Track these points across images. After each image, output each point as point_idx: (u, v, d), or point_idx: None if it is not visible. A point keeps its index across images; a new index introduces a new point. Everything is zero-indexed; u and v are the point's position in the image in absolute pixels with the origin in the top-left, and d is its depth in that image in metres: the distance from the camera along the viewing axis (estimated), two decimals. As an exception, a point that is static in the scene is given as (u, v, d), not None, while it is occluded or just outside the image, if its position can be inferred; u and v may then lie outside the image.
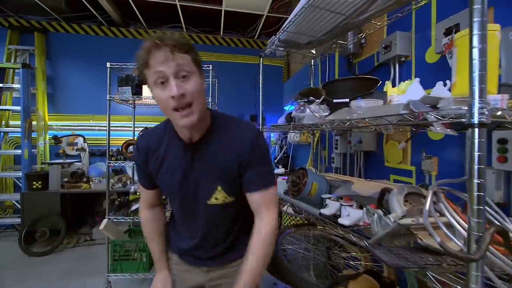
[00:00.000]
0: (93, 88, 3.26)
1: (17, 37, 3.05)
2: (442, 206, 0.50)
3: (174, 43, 0.60)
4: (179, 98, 0.60)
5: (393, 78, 1.40)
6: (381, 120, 0.62)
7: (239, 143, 0.70)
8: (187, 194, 0.74)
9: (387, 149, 1.49)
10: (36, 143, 2.94)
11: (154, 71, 0.60)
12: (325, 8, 0.96)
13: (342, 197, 0.93)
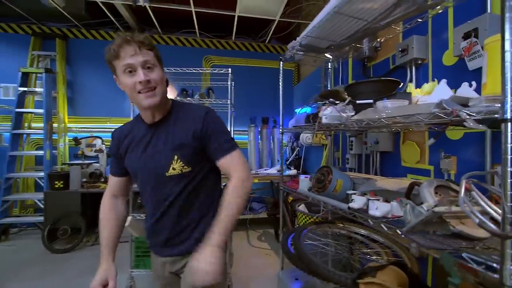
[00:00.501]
0: (109, 91, 3.37)
1: (40, 43, 3.19)
2: (475, 194, 0.54)
3: (142, 40, 0.73)
4: (145, 84, 0.73)
5: (410, 80, 1.46)
6: (412, 118, 0.67)
7: (192, 118, 0.81)
8: (147, 168, 0.82)
9: (404, 149, 1.53)
10: (56, 145, 3.06)
11: (124, 62, 0.73)
12: (349, 14, 1.02)
13: (366, 192, 0.98)
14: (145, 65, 0.74)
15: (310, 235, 1.35)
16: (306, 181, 1.30)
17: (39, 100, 3.18)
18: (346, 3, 0.93)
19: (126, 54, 0.72)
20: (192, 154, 0.81)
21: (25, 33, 3.20)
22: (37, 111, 2.93)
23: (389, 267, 0.89)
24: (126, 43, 0.72)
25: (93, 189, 2.75)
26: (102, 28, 3.37)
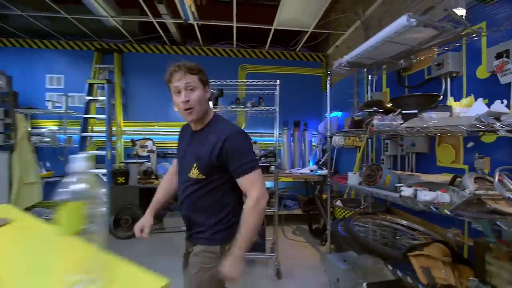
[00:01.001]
0: (157, 99, 3.79)
1: (100, 57, 3.67)
2: (506, 182, 0.77)
3: (186, 68, 0.92)
4: (185, 103, 0.92)
5: (445, 91, 1.66)
6: (456, 127, 0.91)
7: (218, 135, 0.94)
8: (182, 166, 1.03)
9: (439, 151, 1.73)
10: (115, 146, 3.51)
11: (173, 85, 0.94)
12: (397, 42, 1.26)
13: (412, 185, 1.22)
14: (188, 87, 0.92)
15: (356, 224, 1.60)
16: (355, 177, 1.55)
17: (99, 107, 3.67)
18: (398, 34, 1.18)
19: (175, 79, 0.93)
20: (207, 166, 0.95)
21: (87, 49, 3.70)
22: (100, 117, 3.39)
23: (433, 243, 1.13)
24: (175, 71, 0.93)
25: (149, 184, 3.15)
26: (150, 42, 3.81)
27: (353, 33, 3.19)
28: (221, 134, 0.94)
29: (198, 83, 0.95)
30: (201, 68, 0.98)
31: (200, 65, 0.99)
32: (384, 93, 2.37)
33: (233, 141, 0.94)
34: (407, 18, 1.08)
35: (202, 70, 0.98)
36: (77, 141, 3.52)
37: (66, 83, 3.65)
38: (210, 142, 0.95)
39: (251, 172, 0.92)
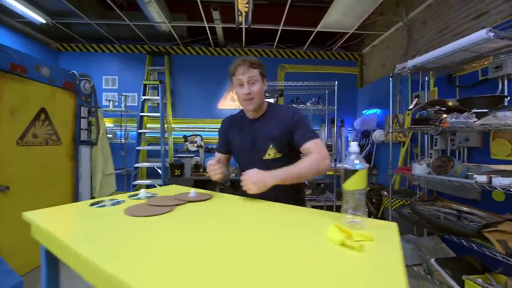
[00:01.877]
0: (201, 98, 4.07)
1: (151, 60, 3.97)
2: None
3: (249, 63, 1.03)
4: (247, 95, 1.03)
5: (501, 91, 1.84)
6: None
7: (284, 115, 1.06)
8: (250, 152, 1.10)
9: (494, 145, 1.92)
10: (167, 141, 3.82)
11: (237, 78, 1.04)
12: (472, 51, 1.46)
13: (483, 173, 1.42)
14: (250, 80, 1.02)
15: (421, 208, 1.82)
16: (421, 167, 1.76)
17: (151, 106, 3.98)
18: (474, 45, 1.38)
19: (239, 72, 1.03)
20: (284, 143, 1.06)
21: (139, 52, 4.00)
22: (154, 115, 3.69)
23: (506, 221, 1.34)
24: (239, 65, 1.03)
25: (201, 176, 3.45)
26: (195, 44, 4.07)
27: (393, 33, 3.35)
28: (286, 112, 1.07)
29: (258, 76, 1.04)
30: (262, 63, 1.07)
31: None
32: (432, 92, 2.55)
33: (298, 114, 1.07)
34: (486, 32, 1.28)
35: (262, 65, 1.07)
36: (132, 137, 3.86)
37: (120, 84, 3.97)
38: (278, 123, 1.06)
39: (315, 138, 1.02)
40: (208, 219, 0.70)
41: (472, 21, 2.23)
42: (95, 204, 0.83)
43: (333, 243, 0.52)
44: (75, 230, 0.61)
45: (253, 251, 0.49)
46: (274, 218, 0.69)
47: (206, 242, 0.54)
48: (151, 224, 0.65)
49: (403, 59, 3.09)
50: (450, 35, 2.47)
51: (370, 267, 0.43)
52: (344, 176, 0.63)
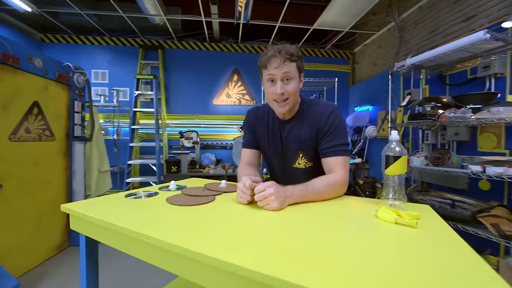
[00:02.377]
0: (197, 93, 4.01)
1: (144, 53, 3.85)
2: None
3: (287, 55, 0.82)
4: (280, 95, 0.84)
5: (488, 89, 1.99)
6: None
7: (318, 116, 0.88)
8: (279, 159, 0.98)
9: (481, 139, 2.08)
10: (162, 137, 3.74)
11: (268, 72, 0.84)
12: (468, 50, 1.58)
13: (476, 164, 1.55)
14: (284, 77, 0.83)
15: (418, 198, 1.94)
16: (419, 160, 1.88)
17: (143, 101, 3.87)
18: (471, 45, 1.49)
19: (272, 66, 0.83)
20: (314, 151, 0.91)
21: (131, 45, 3.86)
22: (148, 110, 3.60)
23: (497, 206, 1.48)
24: (273, 56, 0.83)
25: (198, 173, 3.42)
26: (190, 38, 4.00)
27: (385, 33, 3.49)
28: (323, 113, 0.88)
29: (296, 72, 0.85)
30: (301, 53, 0.87)
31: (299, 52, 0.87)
32: (424, 90, 2.70)
33: (336, 118, 0.88)
34: (484, 33, 1.39)
35: (301, 56, 0.87)
36: (125, 134, 3.74)
37: (110, 78, 3.82)
38: (311, 126, 0.90)
39: (346, 155, 0.87)
40: (257, 208, 0.71)
41: (461, 23, 2.38)
42: (130, 196, 0.82)
43: (387, 222, 0.56)
44: (136, 219, 0.61)
45: (324, 237, 0.51)
46: (311, 208, 0.71)
47: (283, 228, 0.56)
48: (202, 212, 0.66)
49: (395, 58, 3.24)
50: (440, 36, 2.63)
51: (433, 239, 0.48)
52: (386, 162, 0.68)
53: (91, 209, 0.67)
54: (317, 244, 0.46)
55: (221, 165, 3.73)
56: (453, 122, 1.60)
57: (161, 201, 0.76)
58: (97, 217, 0.60)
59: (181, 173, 3.37)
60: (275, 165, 1.01)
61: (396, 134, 0.68)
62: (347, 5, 2.95)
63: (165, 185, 1.00)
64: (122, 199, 0.79)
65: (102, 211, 0.66)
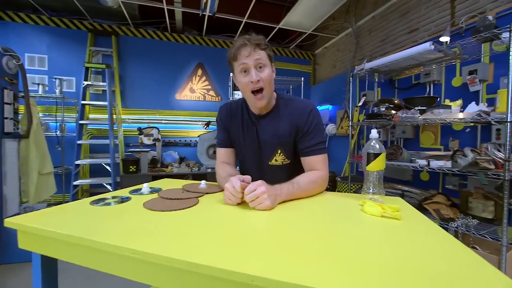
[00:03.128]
0: (157, 86, 3.74)
1: (94, 39, 3.40)
2: (489, 151, 1.36)
3: (256, 42, 0.81)
4: (257, 82, 0.81)
5: (428, 93, 2.31)
6: (463, 119, 1.47)
7: (297, 114, 0.87)
8: (255, 155, 0.95)
9: (422, 136, 2.41)
10: (117, 134, 3.38)
11: (240, 62, 0.81)
12: (416, 59, 1.79)
13: (422, 158, 1.79)
14: (257, 65, 0.81)
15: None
16: (375, 155, 2.08)
17: (94, 93, 3.44)
18: (420, 54, 1.70)
19: (242, 55, 0.81)
20: (293, 148, 0.91)
21: (77, 28, 3.37)
22: (101, 104, 3.20)
23: (438, 194, 1.73)
24: (242, 46, 0.81)
25: (161, 172, 3.20)
26: (149, 27, 3.68)
27: (343, 38, 3.76)
28: (302, 111, 0.88)
29: (266, 59, 0.84)
30: (267, 42, 0.86)
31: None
32: (376, 92, 3.00)
33: (316, 117, 0.88)
34: (430, 44, 1.60)
35: (269, 45, 0.87)
36: (70, 129, 3.28)
37: (50, 65, 3.29)
38: (290, 122, 0.89)
39: (324, 153, 0.89)
40: (246, 208, 0.69)
41: (407, 35, 2.71)
42: (97, 202, 0.71)
43: (374, 216, 0.60)
44: (113, 230, 0.52)
45: (318, 234, 0.52)
46: (300, 206, 0.72)
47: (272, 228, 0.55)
48: (189, 216, 0.61)
49: (352, 62, 3.52)
50: (389, 45, 2.94)
51: (417, 229, 0.53)
52: (367, 159, 0.72)
53: (49, 222, 0.56)
54: (313, 241, 0.47)
55: (185, 163, 3.57)
56: (404, 122, 1.81)
57: (137, 207, 0.67)
58: (62, 232, 0.50)
59: (140, 173, 3.11)
60: (249, 162, 0.99)
61: (376, 133, 0.74)
62: (312, 7, 3.08)
63: (137, 188, 0.90)
64: (88, 207, 0.68)
65: (66, 223, 0.55)
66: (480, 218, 1.55)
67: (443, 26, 2.28)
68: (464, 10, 2.14)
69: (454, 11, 2.24)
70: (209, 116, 3.92)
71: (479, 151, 1.55)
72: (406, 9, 2.71)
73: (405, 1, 2.71)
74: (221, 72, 3.99)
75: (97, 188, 3.39)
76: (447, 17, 2.28)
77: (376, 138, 0.74)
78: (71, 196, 2.99)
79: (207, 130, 3.74)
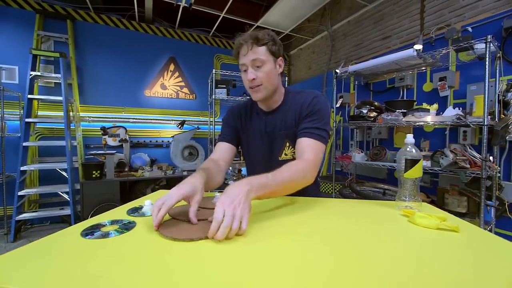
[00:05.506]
0: (123, 80, 3.36)
1: (43, 22, 2.88)
2: (468, 152, 1.49)
3: (253, 40, 0.78)
4: (252, 81, 0.81)
5: (401, 97, 2.48)
6: (443, 121, 1.59)
7: (302, 101, 0.85)
8: (263, 154, 0.93)
9: (396, 137, 2.57)
10: (75, 135, 2.92)
11: (240, 62, 0.83)
12: (398, 64, 1.89)
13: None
14: (254, 64, 0.79)
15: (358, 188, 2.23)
16: (359, 156, 2.15)
17: (43, 86, 2.93)
18: (404, 60, 1.79)
19: (241, 55, 0.81)
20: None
21: (20, 7, 2.82)
22: (53, 99, 2.73)
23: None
24: (240, 45, 0.80)
25: (130, 177, 2.87)
26: (113, 13, 3.27)
27: (319, 40, 3.86)
28: (306, 99, 0.85)
29: (267, 55, 0.80)
30: (272, 35, 0.82)
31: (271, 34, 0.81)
32: (352, 94, 3.13)
33: (319, 102, 0.84)
34: (413, 51, 1.69)
35: (273, 39, 0.82)
36: (12, 129, 2.73)
37: (-18, 50, 2.69)
38: (295, 112, 0.86)
39: (320, 140, 0.79)
40: (279, 225, 0.59)
41: (380, 41, 2.87)
42: (90, 234, 0.53)
43: (428, 228, 0.56)
44: (139, 279, 0.37)
45: (371, 255, 0.46)
46: (334, 212, 0.66)
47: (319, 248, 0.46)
48: (234, 247, 0.49)
49: (328, 64, 3.62)
50: (364, 50, 3.09)
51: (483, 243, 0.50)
52: (405, 166, 0.69)
53: (16, 276, 0.37)
54: (368, 268, 0.40)
55: (157, 166, 3.27)
56: (388, 123, 1.89)
57: (150, 236, 0.52)
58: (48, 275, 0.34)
59: (106, 179, 2.74)
60: (259, 161, 0.96)
61: (412, 137, 0.71)
62: (291, 8, 3.08)
63: (135, 207, 0.73)
64: (79, 241, 0.50)
65: (48, 277, 0.37)
66: (455, 212, 1.69)
67: (414, 34, 2.47)
68: (433, 21, 2.34)
69: (423, 22, 2.43)
70: (183, 115, 3.66)
71: (455, 151, 1.70)
72: (379, 17, 2.87)
73: (379, 8, 2.87)
74: (196, 69, 3.76)
75: (50, 197, 2.90)
76: (417, 26, 2.47)
77: (412, 143, 0.71)
78: (15, 209, 2.49)
79: (181, 130, 3.49)
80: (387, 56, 1.89)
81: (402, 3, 2.61)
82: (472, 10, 2.05)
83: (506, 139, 1.60)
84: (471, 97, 1.84)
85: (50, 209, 2.79)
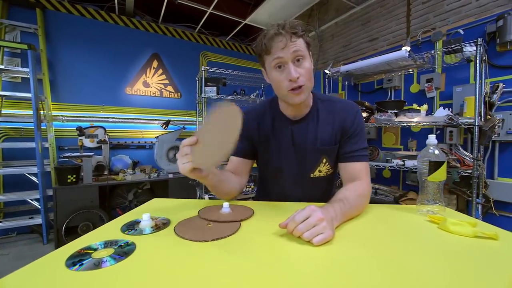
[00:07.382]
0: (102, 77, 3.12)
1: (7, 9, 2.58)
2: (460, 152, 1.53)
3: (293, 30, 0.65)
4: (295, 81, 0.67)
5: (389, 97, 2.53)
6: (434, 122, 1.62)
7: (343, 114, 0.76)
8: (291, 168, 0.80)
9: (385, 137, 2.62)
10: (46, 136, 2.65)
11: (274, 56, 0.66)
12: (390, 64, 1.91)
13: (396, 158, 1.92)
14: (295, 57, 0.67)
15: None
16: (352, 156, 2.15)
17: (8, 81, 2.63)
18: (395, 61, 1.81)
19: (277, 47, 0.66)
20: (336, 154, 0.79)
21: (-22, -8, 2.50)
22: (21, 96, 2.45)
23: (410, 191, 1.88)
24: (276, 36, 0.66)
25: (110, 181, 2.66)
26: (89, 4, 3.02)
27: (306, 41, 3.86)
28: (346, 113, 0.77)
29: (305, 49, 0.69)
30: (305, 25, 0.71)
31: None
32: (340, 95, 3.15)
33: (361, 118, 0.78)
34: (405, 52, 1.71)
35: (307, 30, 0.79)
36: (-29, 129, 2.42)
37: None
38: (333, 124, 0.77)
39: (366, 160, 0.78)
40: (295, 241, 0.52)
41: (368, 43, 2.92)
42: (79, 263, 0.42)
43: (464, 236, 0.52)
44: None
45: (398, 264, 0.42)
46: (361, 230, 0.58)
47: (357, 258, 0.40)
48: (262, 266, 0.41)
49: (315, 65, 3.63)
50: (351, 51, 3.13)
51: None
52: (429, 168, 0.65)
53: None
54: (425, 281, 0.36)
55: (140, 169, 3.07)
56: (382, 123, 1.91)
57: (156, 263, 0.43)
58: None
59: (83, 183, 2.51)
60: (285, 176, 0.83)
61: (434, 138, 0.67)
62: (280, 7, 3.03)
63: (129, 222, 0.62)
64: (64, 275, 0.38)
65: None
66: (445, 210, 1.74)
67: (401, 37, 2.53)
68: (418, 25, 2.40)
69: (409, 25, 2.50)
70: (167, 115, 3.48)
71: (444, 150, 1.74)
72: (367, 19, 2.92)
73: (366, 11, 2.92)
74: (181, 66, 3.60)
75: (17, 206, 2.61)
76: (404, 29, 2.54)
77: (435, 144, 0.67)
78: (-25, 220, 2.20)
79: (166, 131, 3.31)
80: (380, 56, 1.90)
81: (389, 6, 2.67)
82: (456, 15, 2.13)
83: (492, 138, 1.67)
84: (458, 98, 1.91)
85: (17, 219, 2.50)
